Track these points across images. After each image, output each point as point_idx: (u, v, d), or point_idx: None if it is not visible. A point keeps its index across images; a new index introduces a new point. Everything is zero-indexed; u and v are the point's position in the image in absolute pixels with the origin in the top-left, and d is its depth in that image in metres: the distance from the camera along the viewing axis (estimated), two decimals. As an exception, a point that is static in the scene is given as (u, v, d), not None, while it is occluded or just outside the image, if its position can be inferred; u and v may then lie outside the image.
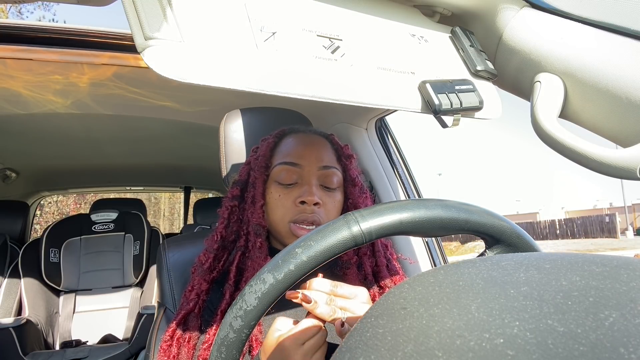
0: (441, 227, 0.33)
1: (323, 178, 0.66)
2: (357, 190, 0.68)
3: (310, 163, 0.65)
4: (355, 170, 0.69)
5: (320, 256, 0.32)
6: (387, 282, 0.65)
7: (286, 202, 0.65)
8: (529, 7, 0.49)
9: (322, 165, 0.66)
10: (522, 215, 29.54)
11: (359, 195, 0.68)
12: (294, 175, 0.65)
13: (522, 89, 0.52)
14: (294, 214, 0.64)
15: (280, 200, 0.65)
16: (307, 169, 0.65)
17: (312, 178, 0.65)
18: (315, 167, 0.65)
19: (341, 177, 0.68)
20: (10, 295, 2.17)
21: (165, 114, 1.52)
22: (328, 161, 0.67)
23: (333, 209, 0.66)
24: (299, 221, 0.63)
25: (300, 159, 0.66)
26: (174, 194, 11.03)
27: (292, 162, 0.66)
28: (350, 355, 0.21)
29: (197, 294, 0.65)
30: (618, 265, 0.22)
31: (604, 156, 0.40)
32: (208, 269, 0.66)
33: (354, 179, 0.68)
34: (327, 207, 0.65)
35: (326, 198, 0.66)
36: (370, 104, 0.42)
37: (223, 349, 0.32)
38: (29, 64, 1.09)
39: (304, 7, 0.43)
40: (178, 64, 0.33)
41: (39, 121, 1.58)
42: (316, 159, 0.66)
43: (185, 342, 0.64)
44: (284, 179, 0.66)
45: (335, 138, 0.71)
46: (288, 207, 0.64)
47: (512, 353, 0.16)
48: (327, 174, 0.66)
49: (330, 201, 0.66)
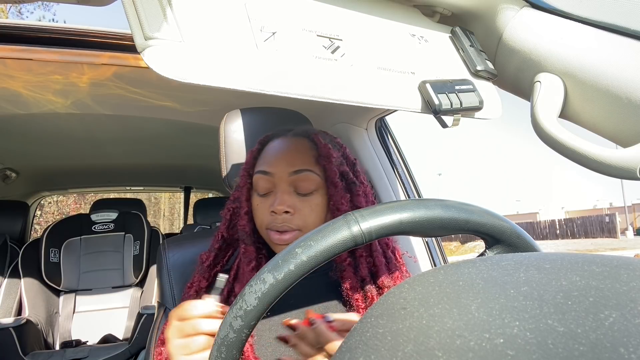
0: (441, 227, 0.33)
1: (295, 184, 0.65)
2: (338, 191, 0.65)
3: (280, 170, 0.65)
4: (336, 169, 0.65)
5: (320, 256, 0.32)
6: (386, 282, 0.64)
7: (263, 211, 0.66)
8: (529, 7, 0.49)
9: (293, 170, 0.65)
10: (522, 215, 29.54)
11: (342, 195, 0.65)
12: (268, 184, 0.66)
13: (522, 89, 0.52)
14: (269, 222, 0.65)
15: (259, 208, 0.67)
16: (277, 176, 0.65)
17: (283, 185, 0.65)
18: (286, 174, 0.65)
19: (319, 179, 0.66)
20: (10, 295, 2.17)
21: (165, 114, 1.52)
22: (301, 165, 0.65)
23: (310, 213, 0.65)
24: (273, 228, 0.65)
25: (272, 166, 0.66)
26: (174, 194, 11.03)
27: (264, 171, 0.66)
28: (350, 355, 0.21)
29: (196, 290, 0.67)
30: (618, 265, 0.22)
31: (604, 156, 0.40)
32: (208, 267, 0.68)
33: (333, 179, 0.65)
34: (303, 212, 0.64)
35: (300, 204, 0.65)
36: (370, 104, 0.42)
37: (223, 348, 0.32)
38: (29, 64, 1.09)
39: (304, 7, 0.43)
40: (178, 64, 0.33)
41: (39, 121, 1.58)
42: (287, 164, 0.65)
43: None
44: (260, 189, 0.67)
45: (318, 137, 0.68)
46: (264, 215, 0.66)
47: (512, 353, 0.16)
48: (298, 179, 0.65)
49: (305, 206, 0.65)
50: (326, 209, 0.66)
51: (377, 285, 0.64)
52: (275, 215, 0.64)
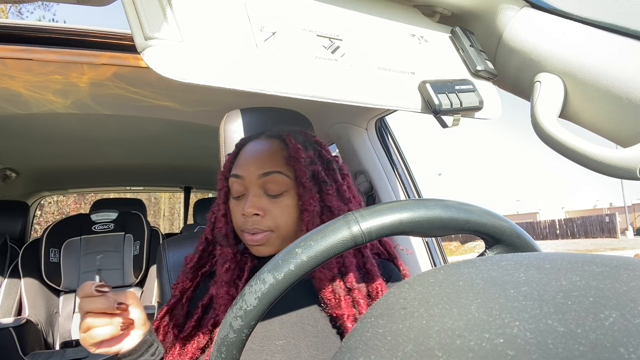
0: (441, 227, 0.33)
1: (265, 185, 0.66)
2: (306, 191, 0.65)
3: (250, 173, 0.66)
4: (305, 170, 0.65)
5: (320, 256, 0.32)
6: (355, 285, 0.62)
7: (237, 214, 0.68)
8: (529, 7, 0.49)
9: (262, 172, 0.65)
10: (522, 215, 29.53)
11: (311, 195, 0.65)
12: (240, 187, 0.67)
13: (522, 89, 0.52)
14: (242, 224, 0.66)
15: (234, 212, 0.68)
16: (247, 179, 0.66)
17: (253, 188, 0.66)
18: (255, 177, 0.66)
19: (288, 180, 0.66)
20: (10, 295, 2.17)
21: (165, 114, 1.52)
22: (270, 167, 0.66)
23: (281, 214, 0.65)
24: (245, 230, 0.66)
25: (243, 169, 0.67)
26: (174, 194, 11.03)
27: (236, 175, 0.68)
28: (350, 355, 0.21)
29: (181, 291, 0.70)
30: (618, 265, 0.22)
31: (604, 156, 0.40)
32: (191, 269, 0.71)
33: (301, 179, 0.65)
34: (273, 214, 0.65)
35: (270, 205, 0.65)
36: (370, 104, 0.42)
37: (223, 348, 0.32)
38: (29, 64, 1.09)
39: (304, 7, 0.43)
40: (178, 64, 0.33)
41: (39, 121, 1.58)
42: (256, 167, 0.66)
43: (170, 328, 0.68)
44: (233, 192, 0.68)
45: (289, 137, 0.69)
46: (238, 217, 0.67)
47: (512, 353, 0.16)
48: (267, 180, 0.65)
49: (275, 207, 0.65)
50: (297, 209, 0.66)
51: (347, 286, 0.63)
52: (246, 217, 0.65)
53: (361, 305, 0.60)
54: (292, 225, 0.66)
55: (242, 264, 0.70)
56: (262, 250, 0.67)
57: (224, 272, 0.66)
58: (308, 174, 0.66)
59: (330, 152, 0.74)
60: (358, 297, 0.61)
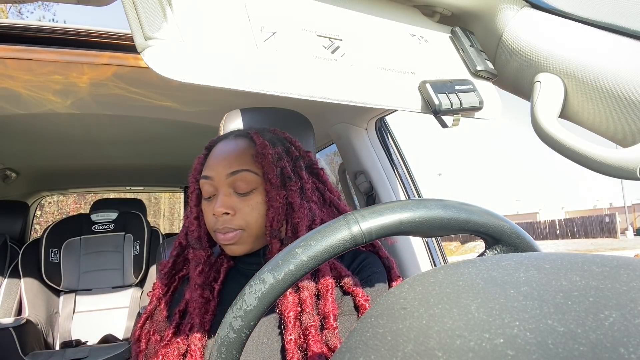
0: (441, 227, 0.33)
1: (234, 184, 0.66)
2: (273, 188, 0.65)
3: (218, 173, 0.66)
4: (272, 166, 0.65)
5: (320, 256, 0.32)
6: (305, 284, 0.61)
7: (208, 215, 0.68)
8: (529, 7, 0.49)
9: (230, 171, 0.66)
10: (522, 215, 29.53)
11: (277, 192, 0.65)
12: (210, 188, 0.67)
13: (522, 89, 0.52)
14: (213, 224, 0.66)
15: (205, 212, 0.68)
16: (216, 179, 0.67)
17: (223, 187, 0.66)
18: (224, 176, 0.66)
19: (257, 178, 0.66)
20: (10, 295, 2.17)
21: (165, 114, 1.52)
22: (238, 165, 0.66)
23: (251, 212, 0.65)
24: (217, 230, 0.66)
25: (212, 170, 0.67)
26: (174, 194, 11.03)
27: (205, 176, 0.68)
28: (350, 355, 0.21)
29: (157, 297, 0.70)
30: (618, 265, 0.22)
31: (604, 156, 0.40)
32: (165, 275, 0.71)
33: (268, 176, 0.66)
34: (243, 212, 0.65)
35: (240, 204, 0.66)
36: (370, 104, 0.42)
37: (223, 349, 0.32)
38: (29, 64, 1.09)
39: (304, 7, 0.43)
40: (178, 64, 0.33)
41: (39, 121, 1.58)
42: (224, 167, 0.66)
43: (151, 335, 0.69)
44: (204, 193, 0.69)
45: (257, 135, 0.69)
46: (210, 218, 0.67)
47: (512, 353, 0.16)
48: (236, 179, 0.66)
49: (245, 206, 0.66)
50: (266, 206, 0.66)
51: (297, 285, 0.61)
52: (217, 217, 0.65)
53: (306, 304, 0.59)
54: (262, 222, 0.66)
55: (218, 265, 0.70)
56: (235, 249, 0.66)
57: (197, 275, 0.66)
58: (276, 171, 0.66)
59: (301, 148, 0.74)
60: (305, 296, 0.59)
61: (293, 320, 0.58)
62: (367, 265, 0.68)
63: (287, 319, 0.58)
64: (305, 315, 0.58)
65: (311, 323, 0.57)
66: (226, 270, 0.69)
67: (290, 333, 0.57)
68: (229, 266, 0.70)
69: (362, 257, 0.69)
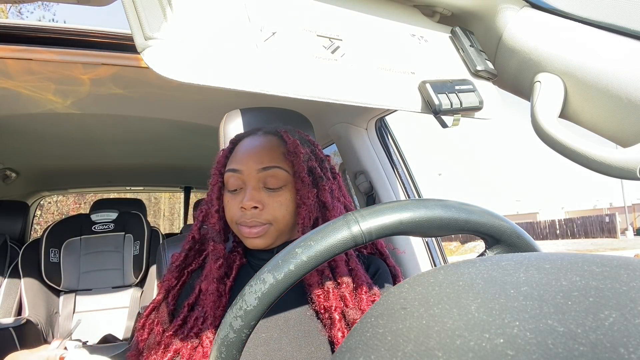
0: (441, 227, 0.33)
1: (264, 179, 0.67)
2: (305, 186, 0.67)
3: (249, 167, 0.67)
4: (304, 165, 0.68)
5: (320, 256, 0.32)
6: (345, 279, 0.64)
7: (233, 207, 0.68)
8: (529, 7, 0.49)
9: (262, 167, 0.67)
10: (522, 215, 29.51)
11: (309, 190, 0.67)
12: (238, 181, 0.68)
13: (522, 89, 0.52)
14: (238, 217, 0.67)
15: (229, 205, 0.69)
16: (246, 173, 0.67)
17: (252, 182, 0.67)
18: (255, 171, 0.67)
19: (287, 175, 0.68)
20: (10, 295, 2.17)
21: (165, 114, 1.52)
22: (269, 161, 0.67)
23: (279, 208, 0.67)
24: (243, 223, 0.67)
25: (241, 164, 0.68)
26: (174, 194, 11.03)
27: (233, 169, 0.69)
28: (350, 355, 0.21)
29: (166, 289, 0.70)
30: (618, 265, 0.22)
31: (604, 156, 0.40)
32: (177, 267, 0.71)
33: (300, 174, 0.67)
34: (271, 207, 0.66)
35: (269, 199, 0.67)
36: (370, 104, 0.42)
37: (223, 349, 0.33)
38: (29, 64, 1.09)
39: (304, 7, 0.43)
40: (178, 64, 0.33)
41: (39, 121, 1.58)
42: (255, 162, 0.67)
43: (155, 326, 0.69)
44: (230, 186, 0.69)
45: (286, 134, 0.70)
46: (234, 211, 0.68)
47: (512, 353, 0.16)
48: (267, 175, 0.67)
49: (273, 201, 0.67)
50: (294, 203, 0.68)
51: (337, 281, 0.65)
52: (245, 210, 0.66)
53: (347, 300, 0.62)
54: (289, 218, 0.68)
55: (231, 262, 0.71)
56: (258, 242, 0.67)
57: (217, 269, 0.67)
58: (306, 169, 0.68)
59: (322, 151, 0.76)
60: (345, 292, 0.63)
61: (339, 316, 0.61)
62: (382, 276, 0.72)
63: (333, 315, 0.61)
64: (351, 311, 0.61)
65: (357, 317, 0.60)
66: (238, 267, 0.70)
67: (339, 329, 0.60)
68: (241, 264, 0.71)
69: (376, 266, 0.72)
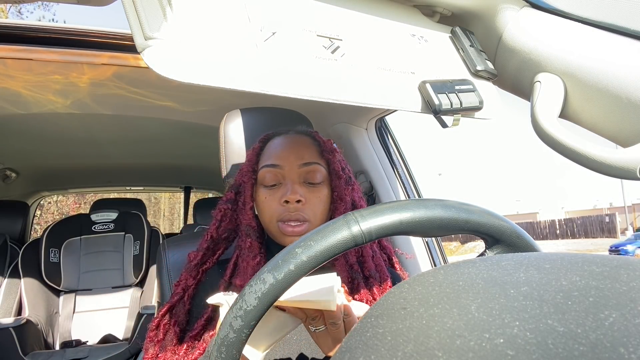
0: (441, 227, 0.33)
1: (305, 175, 0.68)
2: (342, 183, 0.69)
3: (290, 162, 0.68)
4: (339, 163, 0.70)
5: (320, 256, 0.32)
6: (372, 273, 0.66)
7: (272, 203, 0.68)
8: (529, 7, 0.49)
9: (303, 162, 0.68)
10: (522, 215, 29.50)
11: (345, 187, 0.69)
12: (277, 176, 0.68)
13: (522, 89, 0.52)
14: (280, 213, 0.67)
15: (267, 201, 0.68)
16: (287, 168, 0.68)
17: (294, 176, 0.68)
18: (296, 166, 0.68)
19: (325, 172, 0.69)
20: (10, 295, 2.17)
21: (165, 114, 1.52)
22: (309, 158, 0.68)
23: (319, 203, 0.68)
24: (285, 220, 0.66)
25: (281, 159, 0.69)
26: (174, 194, 11.03)
27: (273, 164, 0.69)
28: (350, 355, 0.21)
29: (183, 288, 0.69)
30: (618, 265, 0.22)
31: (604, 156, 0.40)
32: (195, 266, 0.71)
33: (337, 171, 0.69)
34: (312, 202, 0.67)
35: (310, 194, 0.68)
36: (370, 104, 0.42)
37: (223, 349, 0.32)
38: (29, 64, 1.09)
39: (304, 7, 0.43)
40: (178, 64, 0.33)
41: (39, 121, 1.58)
42: (296, 157, 0.68)
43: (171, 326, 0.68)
44: (268, 181, 0.69)
45: (318, 134, 0.73)
46: (274, 207, 0.67)
47: (512, 353, 0.16)
48: (308, 170, 0.68)
49: (314, 197, 0.68)
50: (330, 200, 0.69)
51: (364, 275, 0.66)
52: (288, 205, 0.66)
53: (374, 293, 0.64)
54: (325, 215, 0.69)
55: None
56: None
57: (255, 266, 0.66)
58: (340, 168, 0.70)
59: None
60: (373, 285, 0.64)
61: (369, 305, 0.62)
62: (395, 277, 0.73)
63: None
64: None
65: None
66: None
67: None
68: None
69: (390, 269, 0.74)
